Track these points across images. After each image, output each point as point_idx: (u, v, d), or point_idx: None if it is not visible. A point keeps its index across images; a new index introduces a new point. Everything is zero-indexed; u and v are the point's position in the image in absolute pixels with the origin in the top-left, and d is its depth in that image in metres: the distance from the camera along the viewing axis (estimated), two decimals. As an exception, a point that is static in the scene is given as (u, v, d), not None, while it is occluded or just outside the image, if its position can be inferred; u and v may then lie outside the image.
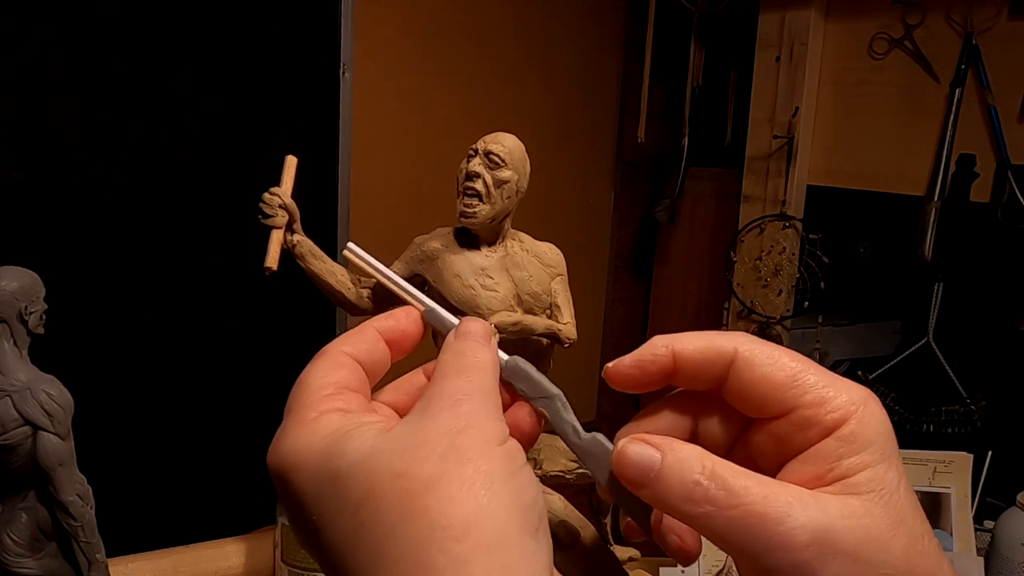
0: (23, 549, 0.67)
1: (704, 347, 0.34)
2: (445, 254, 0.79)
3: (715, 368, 0.33)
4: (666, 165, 1.99)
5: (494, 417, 0.32)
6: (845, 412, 0.31)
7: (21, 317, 0.66)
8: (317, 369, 0.34)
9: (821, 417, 0.31)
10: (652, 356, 0.35)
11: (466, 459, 0.29)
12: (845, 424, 0.31)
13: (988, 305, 1.57)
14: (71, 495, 0.66)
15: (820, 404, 0.31)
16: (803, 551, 0.28)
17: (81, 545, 0.67)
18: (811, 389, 0.31)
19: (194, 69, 1.22)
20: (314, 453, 0.30)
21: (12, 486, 0.68)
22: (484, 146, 0.77)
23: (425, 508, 0.28)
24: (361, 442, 0.30)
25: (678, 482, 0.31)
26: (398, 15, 1.48)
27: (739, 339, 0.33)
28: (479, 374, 0.33)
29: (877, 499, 0.30)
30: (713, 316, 1.91)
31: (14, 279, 0.67)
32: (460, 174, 0.77)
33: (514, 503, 0.29)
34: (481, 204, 0.76)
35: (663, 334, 0.35)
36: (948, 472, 1.06)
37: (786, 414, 0.32)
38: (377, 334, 0.36)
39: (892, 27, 1.48)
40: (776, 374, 0.32)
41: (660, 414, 0.36)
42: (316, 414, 0.32)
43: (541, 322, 0.78)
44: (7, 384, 0.65)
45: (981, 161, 1.39)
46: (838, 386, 0.32)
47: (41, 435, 0.65)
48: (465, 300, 0.77)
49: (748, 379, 0.32)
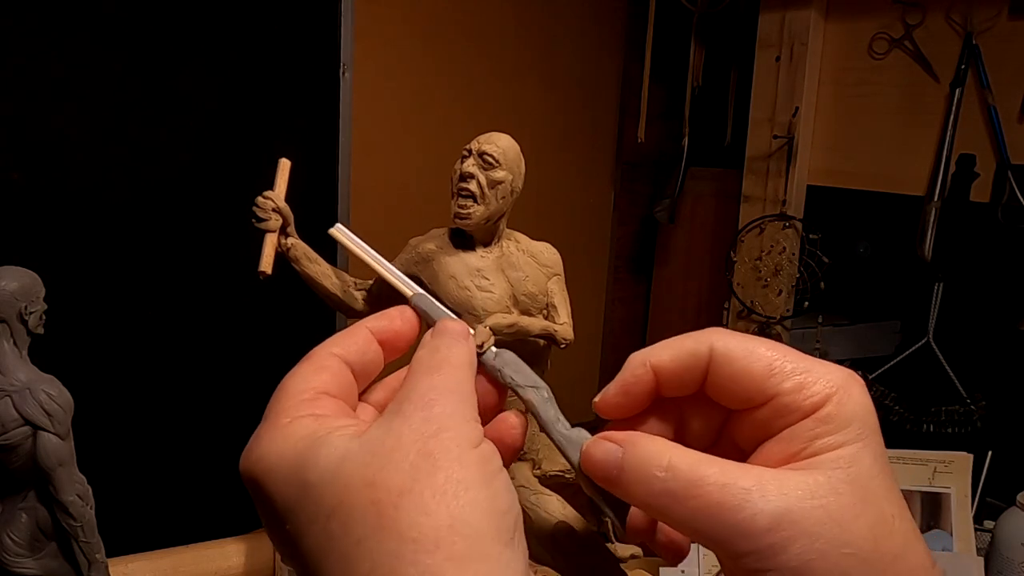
0: (23, 549, 0.67)
1: (679, 354, 0.34)
2: (440, 255, 0.78)
3: (695, 372, 0.33)
4: (666, 165, 1.99)
5: (468, 417, 0.31)
6: (824, 395, 0.31)
7: (21, 317, 0.66)
8: (298, 373, 0.34)
9: (801, 402, 0.31)
10: (634, 377, 0.35)
11: (438, 467, 0.28)
12: (824, 406, 0.31)
13: (988, 305, 1.57)
14: (71, 495, 0.66)
15: (799, 390, 0.31)
16: (764, 536, 0.28)
17: (81, 545, 0.67)
18: (790, 376, 0.31)
19: (194, 69, 1.22)
20: (285, 461, 0.30)
21: (12, 486, 0.68)
22: (478, 146, 0.77)
23: (395, 520, 0.27)
24: (332, 449, 0.29)
25: (639, 476, 0.31)
26: (398, 15, 1.48)
27: (712, 337, 0.33)
28: (453, 371, 0.32)
29: (843, 476, 0.30)
30: (713, 316, 1.91)
31: (14, 279, 0.67)
32: (454, 175, 0.77)
33: (488, 511, 0.28)
34: (475, 205, 0.76)
35: (638, 352, 0.35)
36: (948, 472, 1.06)
37: (767, 402, 0.32)
38: (369, 334, 0.36)
39: (892, 27, 1.48)
40: (753, 365, 0.32)
41: (644, 414, 0.36)
42: (289, 419, 0.31)
43: (537, 323, 0.78)
44: (7, 384, 0.65)
45: (981, 161, 1.39)
46: (817, 370, 0.32)
47: (41, 435, 0.65)
48: (461, 301, 0.76)
49: (727, 374, 0.33)
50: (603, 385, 0.36)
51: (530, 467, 0.83)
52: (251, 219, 0.77)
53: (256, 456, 0.31)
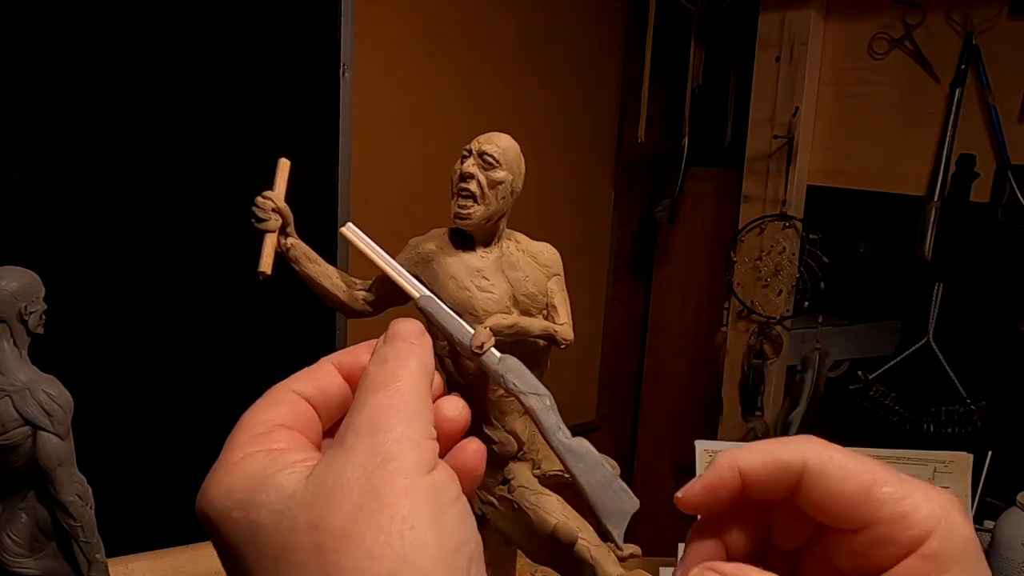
0: (23, 549, 0.67)
1: (770, 463, 0.32)
2: (440, 256, 0.78)
3: (786, 483, 0.32)
4: (666, 165, 1.99)
5: (419, 440, 0.29)
6: (926, 528, 0.29)
7: (21, 317, 0.66)
8: (254, 408, 0.32)
9: (900, 534, 0.29)
10: (720, 480, 0.33)
11: (383, 504, 0.27)
12: (927, 542, 0.29)
13: (988, 305, 1.57)
14: (71, 495, 0.66)
15: (899, 520, 0.29)
16: None
17: (81, 545, 0.67)
18: (888, 503, 0.30)
19: (194, 69, 1.22)
20: (235, 499, 0.29)
21: (12, 486, 0.67)
22: (478, 146, 0.76)
23: (338, 566, 0.26)
24: (279, 490, 0.28)
25: None
26: (398, 15, 1.48)
27: (807, 449, 0.31)
28: (402, 385, 0.30)
29: None
30: (713, 316, 1.91)
31: (14, 279, 0.67)
32: (454, 175, 0.76)
33: (439, 548, 0.27)
34: (476, 205, 0.76)
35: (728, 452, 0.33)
36: (948, 472, 1.06)
37: (863, 529, 0.30)
38: (332, 368, 0.34)
39: (892, 27, 1.48)
40: (849, 488, 0.30)
41: (729, 521, 0.34)
42: (241, 455, 0.30)
43: (538, 324, 0.78)
44: (7, 384, 0.65)
45: (981, 161, 1.39)
46: (916, 497, 0.30)
47: (41, 435, 0.65)
48: (461, 302, 0.76)
49: (820, 493, 0.31)
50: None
51: (530, 467, 0.83)
52: (250, 219, 0.76)
53: (208, 495, 0.30)
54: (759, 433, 1.71)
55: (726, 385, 1.81)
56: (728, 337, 1.79)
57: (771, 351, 1.71)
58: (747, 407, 1.75)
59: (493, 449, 0.80)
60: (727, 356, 1.79)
